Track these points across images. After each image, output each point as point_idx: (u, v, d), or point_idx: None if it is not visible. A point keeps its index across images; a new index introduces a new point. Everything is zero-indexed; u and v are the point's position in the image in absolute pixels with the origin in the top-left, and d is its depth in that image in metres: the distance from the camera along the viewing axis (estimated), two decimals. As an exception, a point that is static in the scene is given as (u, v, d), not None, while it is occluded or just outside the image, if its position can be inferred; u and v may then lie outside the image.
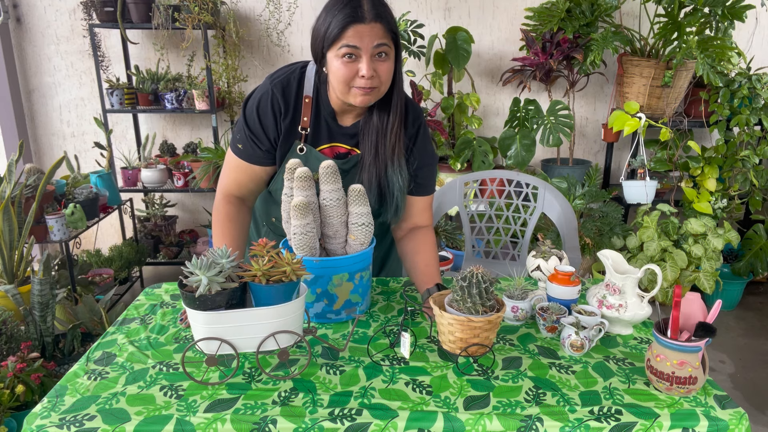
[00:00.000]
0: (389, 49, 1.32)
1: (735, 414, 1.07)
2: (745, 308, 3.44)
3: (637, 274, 1.33)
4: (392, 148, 1.45)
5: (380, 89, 1.36)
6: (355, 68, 1.31)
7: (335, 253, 1.41)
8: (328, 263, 1.35)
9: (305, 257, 1.33)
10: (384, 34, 1.30)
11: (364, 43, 1.28)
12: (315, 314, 1.41)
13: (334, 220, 1.36)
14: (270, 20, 3.34)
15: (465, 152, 3.18)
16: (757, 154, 3.17)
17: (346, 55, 1.30)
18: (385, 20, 1.30)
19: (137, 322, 1.42)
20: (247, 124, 1.47)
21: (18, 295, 2.28)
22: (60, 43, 3.39)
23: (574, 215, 2.35)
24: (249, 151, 1.49)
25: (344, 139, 1.50)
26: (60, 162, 2.74)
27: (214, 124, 3.26)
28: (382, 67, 1.32)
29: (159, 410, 1.06)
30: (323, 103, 1.46)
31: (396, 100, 1.42)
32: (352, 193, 1.36)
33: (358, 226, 1.37)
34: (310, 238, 1.32)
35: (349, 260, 1.37)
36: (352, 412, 1.06)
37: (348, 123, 1.50)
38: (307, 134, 1.47)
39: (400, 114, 1.43)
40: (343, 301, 1.40)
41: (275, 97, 1.43)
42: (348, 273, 1.38)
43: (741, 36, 3.38)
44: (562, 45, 3.11)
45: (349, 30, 1.27)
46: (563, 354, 1.27)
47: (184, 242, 3.62)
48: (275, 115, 1.45)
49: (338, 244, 1.39)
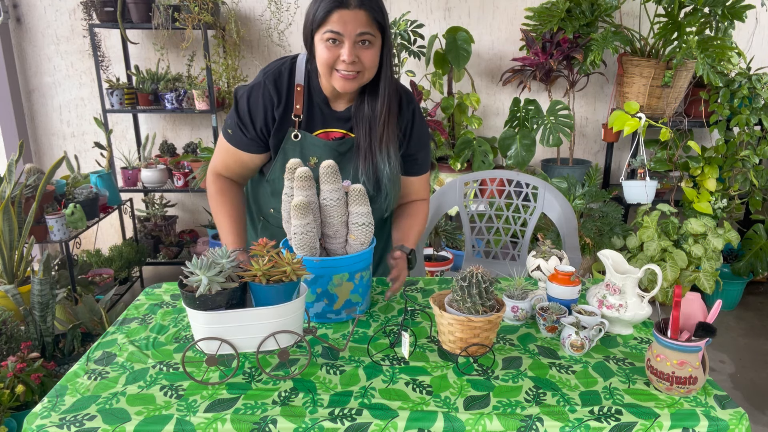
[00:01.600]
0: (373, 37, 1.35)
1: (735, 414, 1.07)
2: (745, 308, 3.44)
3: (637, 274, 1.33)
4: (380, 137, 1.48)
5: (363, 75, 1.39)
6: (338, 53, 1.35)
7: (335, 252, 1.41)
8: (329, 263, 1.35)
9: (305, 257, 1.33)
10: (368, 22, 1.33)
11: (347, 29, 1.32)
12: (315, 314, 1.41)
13: (335, 219, 1.36)
14: (271, 20, 3.34)
15: (465, 152, 3.19)
16: (757, 154, 3.17)
17: (330, 40, 1.34)
18: (371, 8, 1.33)
19: (137, 322, 1.42)
20: (237, 111, 1.51)
21: (18, 295, 2.28)
22: (60, 43, 3.39)
23: (574, 215, 2.35)
24: (236, 137, 1.53)
25: (338, 124, 1.53)
26: (60, 162, 2.74)
27: (214, 124, 3.26)
28: (364, 54, 1.35)
29: (159, 410, 1.06)
30: (315, 90, 1.49)
31: (383, 88, 1.45)
32: (353, 193, 1.36)
33: (358, 225, 1.37)
34: (310, 237, 1.32)
35: (349, 260, 1.37)
36: (352, 412, 1.06)
37: (341, 108, 1.53)
38: (300, 121, 1.50)
39: (387, 103, 1.46)
40: (344, 301, 1.40)
41: (267, 88, 1.48)
42: (348, 273, 1.38)
43: (741, 36, 3.38)
44: (562, 45, 3.11)
45: (334, 15, 1.31)
46: (563, 354, 1.27)
47: (184, 242, 3.62)
48: (265, 106, 1.48)
49: (338, 243, 1.40)
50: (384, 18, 1.37)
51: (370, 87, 1.46)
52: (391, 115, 1.47)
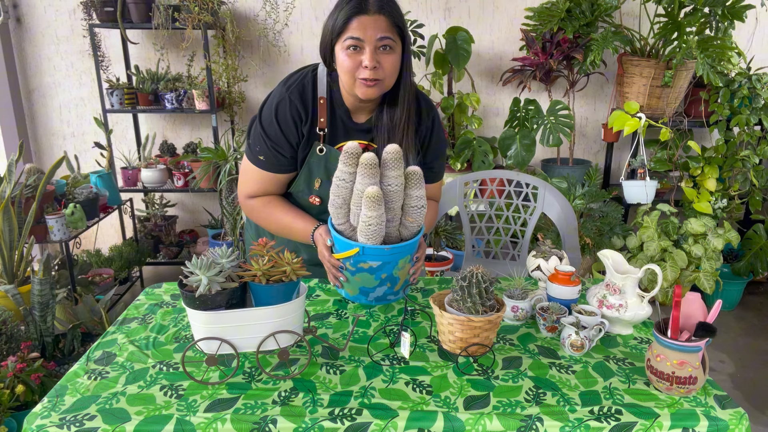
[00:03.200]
0: (394, 43, 1.34)
1: (735, 414, 1.07)
2: (745, 308, 3.44)
3: (637, 274, 1.33)
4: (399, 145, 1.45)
5: (384, 82, 1.37)
6: (359, 59, 1.33)
7: (389, 235, 1.39)
8: (398, 250, 1.36)
9: (376, 246, 1.33)
10: (388, 27, 1.32)
11: (368, 34, 1.31)
12: (376, 298, 1.45)
13: (395, 204, 1.34)
14: (267, 20, 3.34)
15: (465, 152, 3.19)
16: (757, 154, 3.17)
17: (351, 47, 1.33)
18: (390, 13, 1.33)
19: (137, 322, 1.42)
20: (266, 135, 1.47)
21: (18, 295, 2.28)
22: (60, 43, 3.39)
23: (574, 215, 2.35)
24: (272, 161, 1.50)
25: (360, 135, 1.52)
26: (60, 162, 2.74)
27: (214, 124, 3.26)
28: (386, 60, 1.34)
29: (159, 410, 1.06)
30: (337, 102, 1.48)
31: (403, 95, 1.44)
32: (413, 177, 1.34)
33: (417, 209, 1.35)
34: (382, 228, 1.32)
35: (414, 244, 1.39)
36: (352, 411, 1.06)
37: (362, 120, 1.52)
38: (324, 134, 1.49)
39: (407, 110, 1.45)
40: (403, 282, 1.45)
41: (293, 104, 1.45)
42: (410, 254, 1.41)
43: (741, 36, 3.38)
44: (562, 45, 3.11)
45: (354, 21, 1.31)
46: (563, 354, 1.27)
47: (184, 242, 3.62)
48: (295, 122, 1.46)
49: (393, 227, 1.38)
50: (403, 23, 1.37)
51: (389, 96, 1.45)
52: (410, 124, 1.46)
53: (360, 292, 1.46)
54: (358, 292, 1.46)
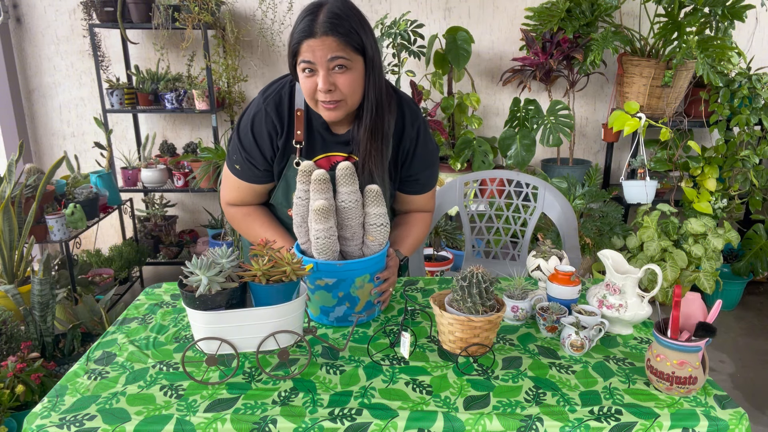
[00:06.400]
0: (348, 61, 1.30)
1: (735, 414, 1.07)
2: (745, 308, 3.44)
3: (637, 274, 1.33)
4: (365, 158, 1.43)
5: (346, 101, 1.35)
6: (315, 81, 1.32)
7: (352, 255, 1.38)
8: (352, 266, 1.34)
9: (328, 262, 1.31)
10: (338, 47, 1.28)
11: (317, 57, 1.28)
12: (336, 318, 1.39)
13: (353, 221, 1.33)
14: (264, 20, 3.34)
15: (465, 152, 3.18)
16: (757, 154, 3.17)
17: (306, 70, 1.31)
18: (339, 34, 1.27)
19: (137, 322, 1.42)
20: (242, 146, 1.47)
21: (18, 295, 2.28)
22: (60, 43, 3.39)
23: (574, 215, 2.35)
24: (247, 172, 1.50)
25: (339, 148, 1.49)
26: (60, 162, 2.74)
27: (214, 124, 3.26)
28: (340, 80, 1.31)
29: (159, 410, 1.06)
30: (314, 114, 1.45)
31: (366, 110, 1.39)
32: (370, 194, 1.34)
33: (376, 227, 1.35)
34: (332, 242, 1.31)
35: (370, 261, 1.36)
36: (352, 411, 1.06)
37: (342, 131, 1.49)
38: (302, 147, 1.46)
39: (370, 126, 1.40)
40: (365, 303, 1.40)
41: (269, 116, 1.44)
42: (369, 274, 1.37)
43: (741, 36, 3.38)
44: (562, 45, 3.11)
45: (303, 45, 1.29)
46: (563, 354, 1.27)
47: (184, 242, 3.62)
48: (271, 135, 1.45)
49: (355, 246, 1.37)
50: (362, 40, 1.31)
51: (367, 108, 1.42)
52: (374, 138, 1.41)
53: (321, 312, 1.40)
54: (320, 312, 1.40)
